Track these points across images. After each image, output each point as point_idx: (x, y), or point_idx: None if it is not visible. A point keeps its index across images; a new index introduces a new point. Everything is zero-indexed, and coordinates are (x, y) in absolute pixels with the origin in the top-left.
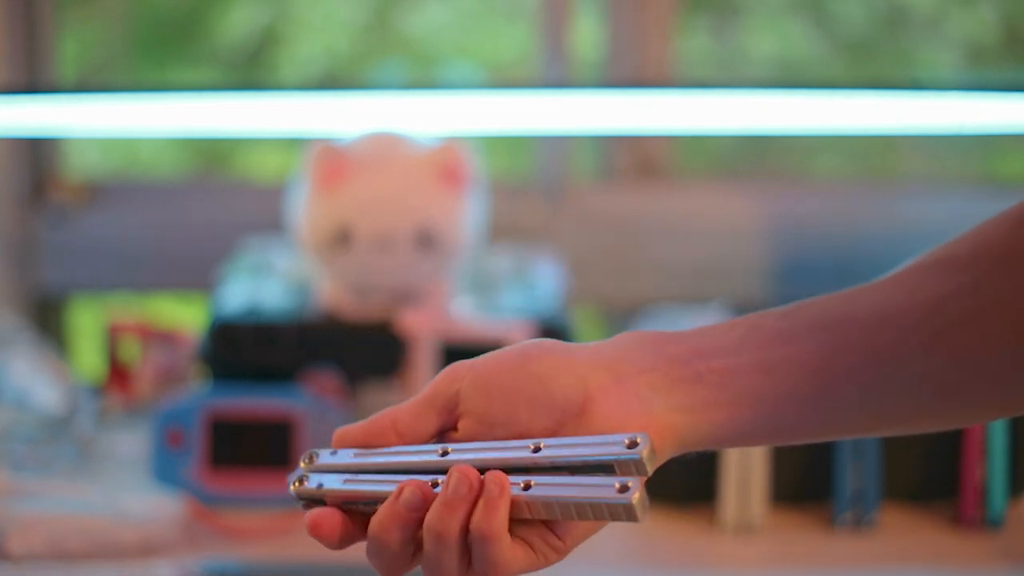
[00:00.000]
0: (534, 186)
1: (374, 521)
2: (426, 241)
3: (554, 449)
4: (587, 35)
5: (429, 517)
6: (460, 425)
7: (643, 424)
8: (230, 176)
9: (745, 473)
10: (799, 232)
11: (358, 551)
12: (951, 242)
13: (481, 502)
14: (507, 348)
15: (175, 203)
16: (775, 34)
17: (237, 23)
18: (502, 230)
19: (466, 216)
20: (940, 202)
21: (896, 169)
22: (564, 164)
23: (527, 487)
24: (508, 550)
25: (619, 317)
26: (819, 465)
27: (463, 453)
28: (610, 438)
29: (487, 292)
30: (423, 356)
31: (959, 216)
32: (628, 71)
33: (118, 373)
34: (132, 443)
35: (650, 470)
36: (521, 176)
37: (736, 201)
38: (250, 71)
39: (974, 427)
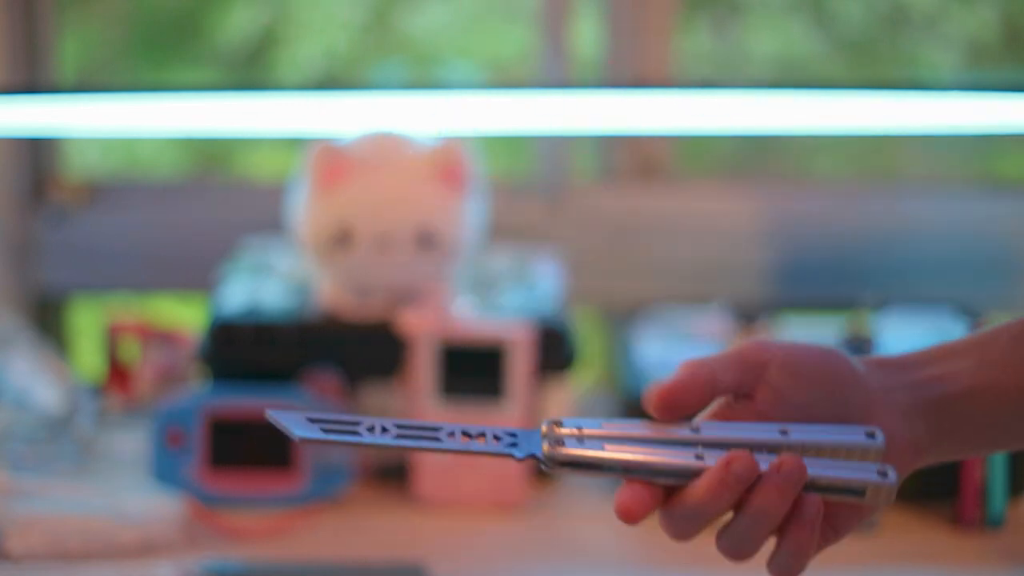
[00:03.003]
0: (534, 186)
1: (702, 488)
2: (426, 241)
3: (802, 434)
4: (587, 35)
5: (763, 497)
6: (758, 394)
7: (909, 441)
8: (230, 176)
9: None
10: (799, 232)
11: (356, 550)
12: None
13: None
14: (807, 343)
15: (175, 203)
16: (775, 34)
17: (237, 23)
18: (502, 230)
19: (466, 216)
20: (940, 202)
21: (896, 169)
22: (564, 164)
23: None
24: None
25: (619, 317)
26: None
27: (716, 430)
28: (849, 429)
29: (487, 292)
30: (423, 356)
31: (959, 216)
32: (628, 71)
33: (118, 373)
34: (132, 443)
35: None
36: (521, 176)
37: (736, 201)
38: (250, 71)
39: None
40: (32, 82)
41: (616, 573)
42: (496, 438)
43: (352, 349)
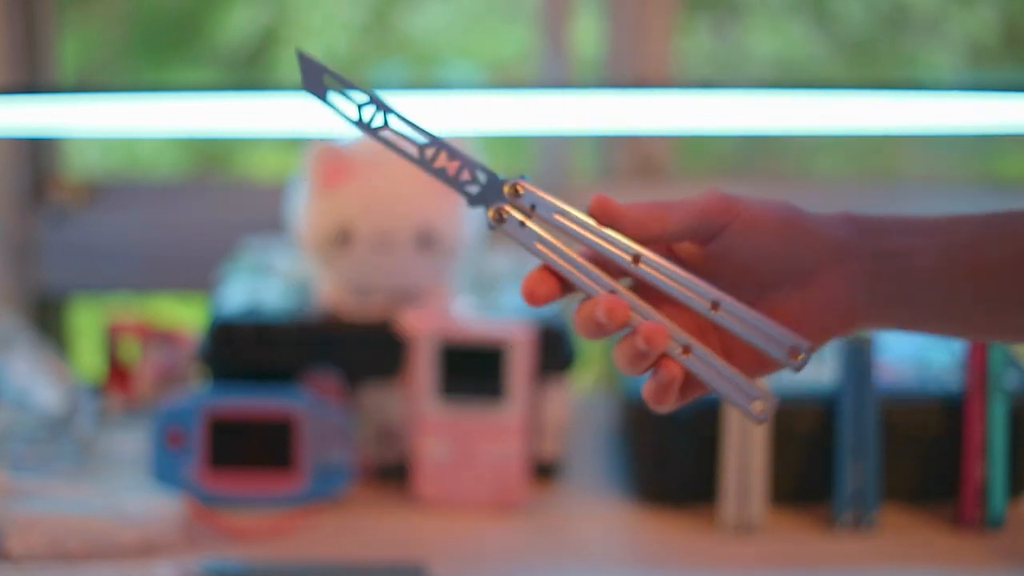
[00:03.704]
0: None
1: (580, 313)
2: (426, 241)
3: (728, 318)
4: (587, 35)
5: (622, 348)
6: (708, 248)
7: (847, 310)
8: (230, 176)
9: (745, 473)
10: None
11: (356, 550)
12: None
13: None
14: (771, 202)
15: (175, 203)
16: (775, 34)
17: (237, 24)
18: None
19: (466, 216)
20: (940, 202)
21: (896, 169)
22: (564, 164)
23: (685, 352)
24: None
25: None
26: (819, 465)
27: (651, 271)
28: (778, 332)
29: (487, 292)
30: (423, 356)
31: None
32: (628, 71)
33: (118, 373)
34: (132, 443)
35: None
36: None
37: None
38: (250, 71)
39: (974, 427)
40: (32, 82)
41: (616, 573)
42: (469, 175)
43: (352, 349)
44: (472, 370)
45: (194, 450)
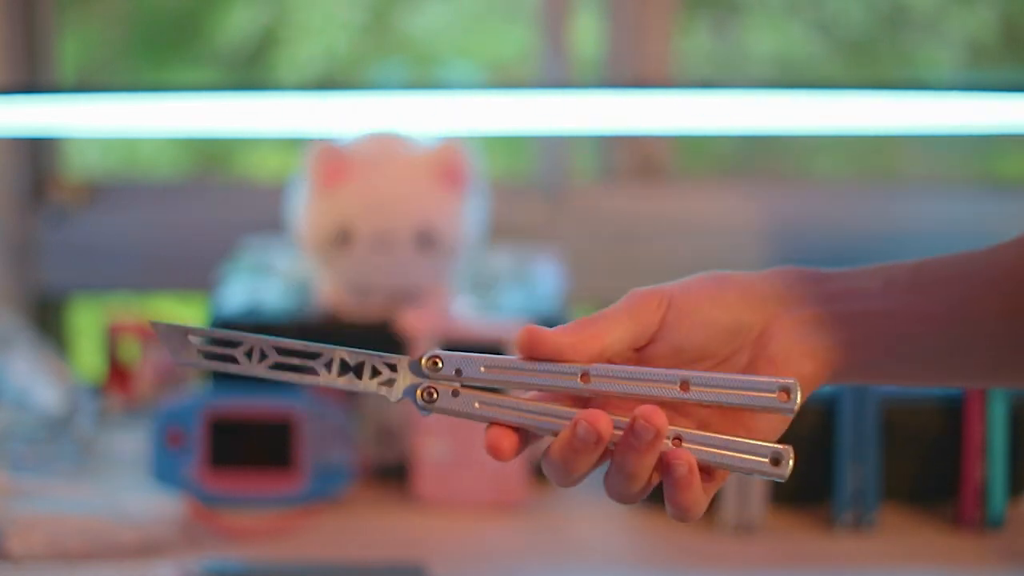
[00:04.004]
0: (534, 186)
1: (556, 449)
2: (426, 241)
3: (704, 391)
4: (587, 35)
5: (621, 457)
6: (649, 349)
7: (813, 356)
8: (230, 176)
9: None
10: (799, 232)
11: (356, 550)
12: None
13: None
14: (696, 279)
15: (175, 203)
16: (775, 34)
17: (237, 24)
18: (502, 230)
19: (466, 216)
20: (940, 202)
21: (896, 169)
22: (564, 164)
23: (679, 442)
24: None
25: None
26: (819, 465)
27: (605, 382)
28: (760, 383)
29: (487, 292)
30: None
31: (959, 216)
32: (628, 71)
33: (118, 373)
34: (132, 443)
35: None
36: (521, 176)
37: (736, 201)
38: (250, 72)
39: (974, 427)
40: (32, 82)
41: (616, 573)
42: (375, 372)
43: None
44: None
45: (194, 450)
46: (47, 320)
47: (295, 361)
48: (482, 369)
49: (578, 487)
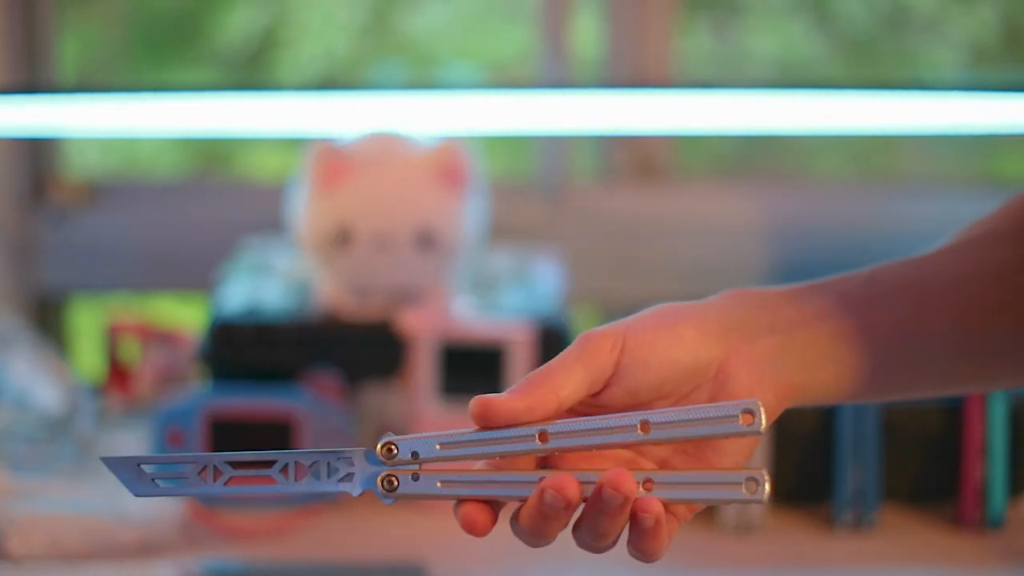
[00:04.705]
0: (534, 186)
1: (525, 516)
2: (426, 241)
3: (665, 429)
4: (587, 35)
5: (591, 520)
6: (605, 394)
7: (773, 384)
8: (230, 176)
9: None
10: (799, 232)
11: (356, 550)
12: (986, 219)
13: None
14: (648, 314)
15: (175, 203)
16: (776, 34)
17: (237, 24)
18: (502, 230)
19: (466, 216)
20: (940, 202)
21: (896, 169)
22: (564, 164)
23: (648, 486)
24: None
25: (619, 317)
26: (819, 465)
27: (565, 439)
28: (720, 409)
29: (487, 292)
30: (423, 356)
31: (959, 216)
32: (628, 71)
33: (118, 373)
34: (132, 443)
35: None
36: (521, 176)
37: (736, 201)
38: (250, 72)
39: (974, 427)
40: (32, 82)
41: (616, 573)
42: (331, 469)
43: (352, 349)
44: (472, 370)
45: (194, 450)
46: (47, 320)
47: (251, 473)
48: (437, 447)
49: None
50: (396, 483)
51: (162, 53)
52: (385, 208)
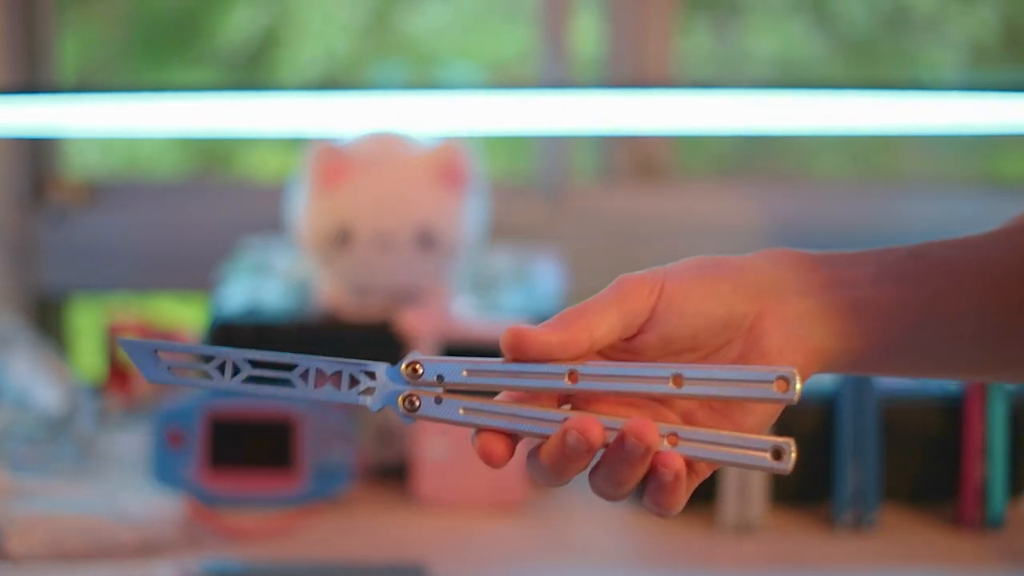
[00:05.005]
0: (534, 186)
1: (545, 454)
2: (426, 241)
3: (698, 385)
4: (587, 35)
5: (610, 466)
6: (639, 339)
7: (801, 347)
8: (230, 176)
9: (745, 473)
10: (799, 232)
11: (356, 550)
12: None
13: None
14: (686, 265)
15: (175, 203)
16: (776, 34)
17: (237, 25)
18: (502, 230)
19: (466, 216)
20: (940, 202)
21: (896, 169)
22: (564, 164)
23: (673, 441)
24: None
25: None
26: (819, 465)
27: (594, 381)
28: (756, 373)
29: (487, 292)
30: None
31: (959, 216)
32: (628, 71)
33: (118, 373)
34: (132, 443)
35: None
36: (521, 176)
37: (736, 201)
38: (250, 72)
39: (974, 427)
40: (32, 82)
41: (616, 573)
42: (353, 380)
43: (352, 349)
44: None
45: (194, 450)
46: (47, 320)
47: (270, 374)
48: (464, 373)
49: (578, 488)
50: (417, 404)
51: (162, 53)
52: (385, 208)
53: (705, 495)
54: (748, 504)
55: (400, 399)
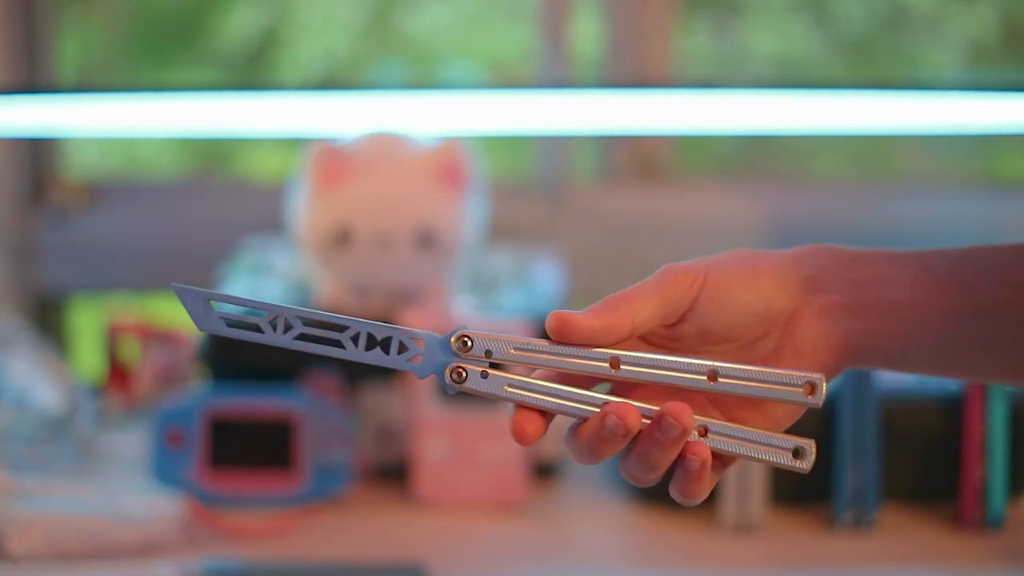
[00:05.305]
0: (534, 186)
1: (584, 434)
2: (426, 241)
3: (732, 383)
4: (587, 34)
5: (644, 448)
6: (678, 327)
7: (833, 344)
8: (230, 176)
9: (745, 473)
10: (799, 232)
11: (356, 550)
12: None
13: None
14: (728, 257)
15: (175, 203)
16: (776, 34)
17: (237, 25)
18: (502, 230)
19: (466, 216)
20: (940, 202)
21: (896, 169)
22: (564, 164)
23: (703, 433)
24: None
25: None
26: (819, 465)
27: (634, 370)
28: (786, 377)
29: (487, 292)
30: None
31: (959, 216)
32: (628, 71)
33: (118, 373)
34: (132, 443)
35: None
36: (521, 176)
37: (736, 201)
38: (250, 72)
39: (974, 427)
40: (32, 82)
41: (616, 573)
42: (402, 347)
43: None
44: None
45: (194, 450)
46: (47, 320)
47: (320, 333)
48: (512, 351)
49: (578, 488)
50: (464, 376)
51: (162, 53)
52: (385, 208)
53: None
54: (748, 504)
55: (448, 371)
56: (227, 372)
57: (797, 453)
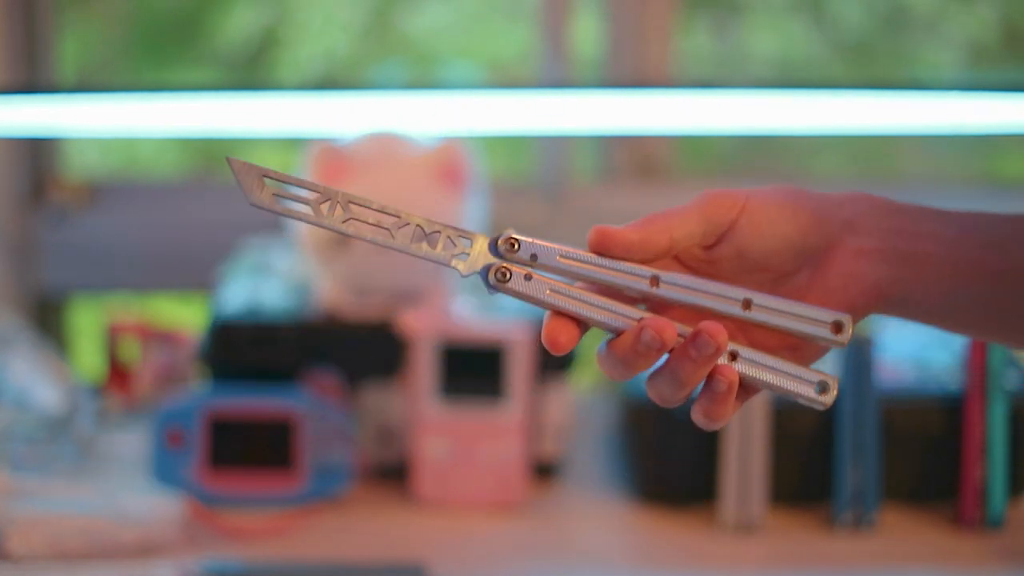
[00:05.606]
0: (534, 186)
1: (619, 347)
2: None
3: (764, 313)
4: (587, 34)
5: (676, 364)
6: (716, 249)
7: (864, 286)
8: (230, 176)
9: (745, 473)
10: None
11: (356, 550)
12: None
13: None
14: (771, 189)
15: (175, 203)
16: (775, 34)
17: (237, 25)
18: (502, 230)
19: (466, 216)
20: (940, 202)
21: (896, 169)
22: (564, 164)
23: (732, 358)
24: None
25: None
26: (819, 465)
27: (673, 290)
28: (816, 313)
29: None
30: (423, 356)
31: None
32: (628, 71)
33: (118, 373)
34: (132, 443)
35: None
36: (521, 176)
37: None
38: (250, 72)
39: (974, 427)
40: (32, 82)
41: (616, 573)
42: (450, 242)
43: (352, 349)
44: (472, 370)
45: (194, 450)
46: (47, 320)
47: (370, 219)
48: (558, 258)
49: (578, 488)
50: (508, 276)
51: (162, 53)
52: None
53: (705, 495)
54: (748, 504)
55: (492, 270)
56: (227, 372)
57: (822, 388)
